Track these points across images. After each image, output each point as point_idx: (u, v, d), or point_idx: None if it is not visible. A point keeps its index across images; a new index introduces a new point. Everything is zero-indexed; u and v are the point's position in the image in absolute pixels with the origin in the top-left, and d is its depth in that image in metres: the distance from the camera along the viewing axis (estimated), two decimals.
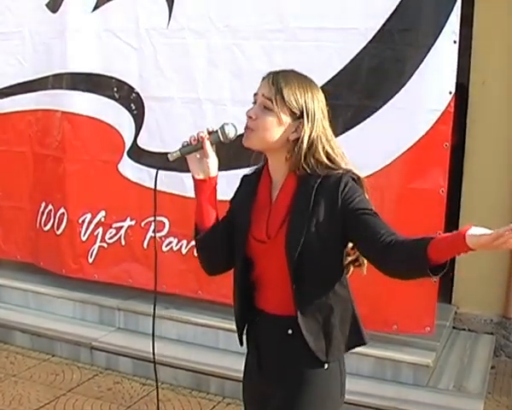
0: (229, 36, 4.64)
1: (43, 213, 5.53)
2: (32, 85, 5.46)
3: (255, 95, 2.20)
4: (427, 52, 4.12)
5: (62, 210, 5.37)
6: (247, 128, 2.16)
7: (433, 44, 4.11)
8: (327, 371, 2.21)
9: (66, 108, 5.26)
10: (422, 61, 4.14)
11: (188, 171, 5.27)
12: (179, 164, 5.40)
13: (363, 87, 4.32)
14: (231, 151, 4.64)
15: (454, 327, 5.44)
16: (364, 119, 4.30)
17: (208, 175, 2.23)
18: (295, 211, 2.14)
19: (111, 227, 5.21)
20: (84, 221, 5.29)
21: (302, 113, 2.13)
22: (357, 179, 2.16)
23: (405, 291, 4.20)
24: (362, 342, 2.28)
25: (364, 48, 4.28)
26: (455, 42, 4.07)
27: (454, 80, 4.10)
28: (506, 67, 5.10)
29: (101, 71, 5.11)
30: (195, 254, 2.37)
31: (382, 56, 4.24)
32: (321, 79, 4.33)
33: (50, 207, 5.47)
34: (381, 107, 4.26)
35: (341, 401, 2.32)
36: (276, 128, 2.13)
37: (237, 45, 4.60)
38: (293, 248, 2.11)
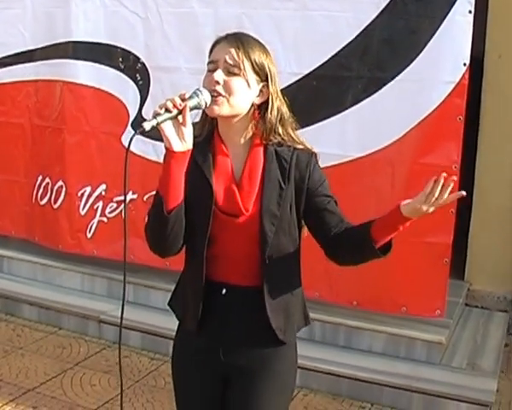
0: (237, 5, 4.56)
1: (39, 186, 5.47)
2: (33, 55, 5.41)
3: (212, 62, 2.08)
4: (441, 22, 4.04)
5: (60, 183, 5.32)
6: (215, 94, 2.03)
7: (447, 14, 4.02)
8: (286, 350, 2.21)
9: (68, 78, 5.20)
10: (436, 31, 4.05)
11: None
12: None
13: (374, 58, 4.24)
14: None
15: (467, 304, 5.41)
16: (376, 91, 4.22)
17: (186, 146, 1.98)
18: (269, 184, 2.09)
19: (112, 201, 5.15)
20: (83, 195, 5.24)
21: (266, 75, 2.10)
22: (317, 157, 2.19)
23: (415, 272, 4.17)
24: (308, 322, 2.29)
25: (376, 18, 4.19)
26: (470, 12, 3.98)
27: (469, 51, 4.00)
28: None
29: (105, 40, 5.06)
30: (156, 232, 2.09)
31: (395, 27, 4.16)
32: (331, 49, 4.32)
33: (47, 180, 5.41)
34: (392, 79, 4.18)
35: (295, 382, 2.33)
36: (245, 92, 2.06)
37: (246, 15, 4.51)
38: (268, 223, 2.08)
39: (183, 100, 1.94)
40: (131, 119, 5.02)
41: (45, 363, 4.54)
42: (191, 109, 1.97)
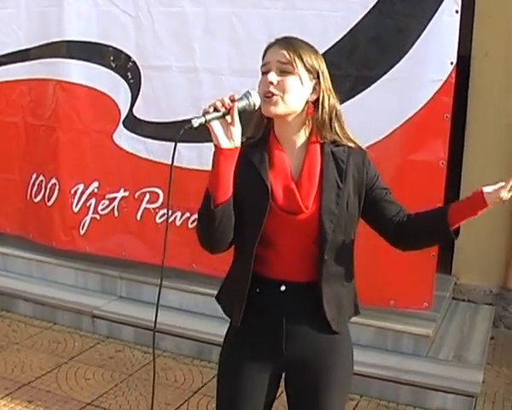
0: (227, 4, 4.60)
1: (33, 184, 5.52)
2: (26, 54, 5.43)
3: (265, 65, 2.16)
4: (429, 22, 4.08)
5: (54, 181, 5.36)
6: (269, 95, 2.11)
7: (434, 14, 4.07)
8: (341, 338, 2.30)
9: (61, 77, 5.22)
10: (423, 30, 4.10)
11: (184, 141, 5.20)
12: (174, 133, 5.34)
13: (362, 57, 4.28)
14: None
15: (454, 298, 5.47)
16: (364, 89, 4.26)
17: (234, 145, 2.05)
18: (327, 183, 2.17)
19: (104, 198, 5.20)
20: (76, 192, 5.28)
21: (318, 73, 2.17)
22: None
23: (403, 266, 4.19)
24: (358, 312, 2.37)
25: (364, 17, 4.23)
26: (457, 11, 4.03)
27: (455, 50, 4.05)
28: (509, 38, 5.06)
29: (98, 39, 5.08)
30: (205, 226, 2.14)
31: (382, 26, 4.20)
32: (319, 48, 4.27)
33: (41, 178, 5.45)
34: (380, 77, 4.22)
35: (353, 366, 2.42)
36: (299, 89, 2.13)
37: (235, 14, 4.57)
38: (327, 221, 2.15)
39: (232, 101, 2.02)
40: (123, 117, 5.05)
41: (40, 358, 4.58)
42: (240, 111, 2.04)
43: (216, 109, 2.00)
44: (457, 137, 4.99)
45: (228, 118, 2.02)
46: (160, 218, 4.99)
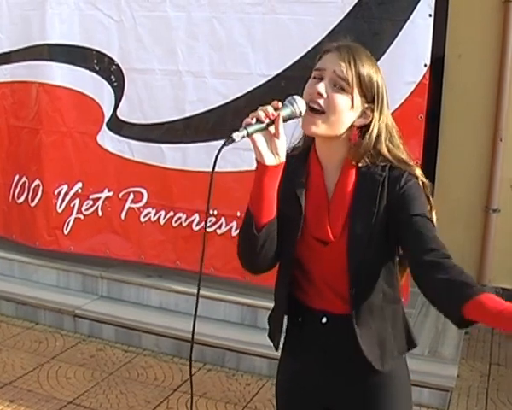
0: (209, 9, 4.67)
1: (16, 185, 5.51)
2: (9, 57, 5.43)
3: (319, 70, 1.91)
4: (403, 25, 4.17)
5: (37, 182, 5.37)
6: (314, 108, 1.87)
7: (408, 17, 4.16)
8: (390, 378, 2.05)
9: (44, 80, 5.23)
10: (398, 33, 4.19)
11: (167, 142, 5.27)
12: (158, 135, 5.42)
13: None
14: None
15: None
16: None
17: (279, 160, 1.82)
18: (358, 209, 1.92)
19: (88, 198, 5.22)
20: (60, 193, 5.29)
21: (373, 97, 1.91)
22: (418, 178, 1.96)
23: None
24: (413, 346, 2.14)
25: (342, 21, 4.31)
26: (430, 15, 4.12)
27: (429, 53, 4.14)
28: (482, 41, 5.18)
29: (81, 43, 5.11)
30: (247, 249, 1.96)
31: (359, 29, 4.26)
32: (298, 52, 4.42)
33: (24, 179, 5.45)
34: None
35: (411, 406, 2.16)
36: (348, 112, 1.88)
37: (217, 18, 4.63)
38: (356, 252, 1.92)
39: (276, 109, 1.80)
40: (106, 119, 5.09)
41: (22, 357, 4.58)
42: (285, 120, 1.81)
43: (259, 120, 1.77)
44: (432, 136, 5.08)
45: (272, 129, 1.79)
46: (145, 217, 5.04)
